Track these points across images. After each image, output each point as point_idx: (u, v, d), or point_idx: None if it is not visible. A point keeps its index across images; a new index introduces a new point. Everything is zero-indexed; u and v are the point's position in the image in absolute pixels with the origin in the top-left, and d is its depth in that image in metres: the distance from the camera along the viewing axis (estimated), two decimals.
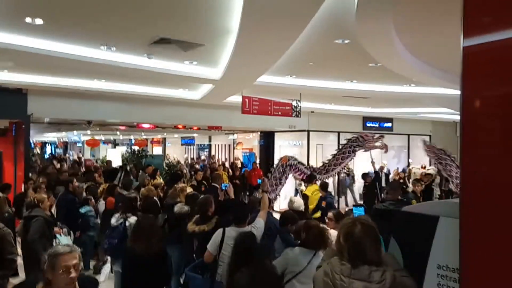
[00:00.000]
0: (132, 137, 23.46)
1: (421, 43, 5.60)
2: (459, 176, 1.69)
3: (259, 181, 5.28)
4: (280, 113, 9.51)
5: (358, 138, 9.22)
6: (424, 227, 2.11)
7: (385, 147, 9.25)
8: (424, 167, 12.30)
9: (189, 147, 23.85)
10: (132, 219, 4.79)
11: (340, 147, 9.74)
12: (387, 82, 8.68)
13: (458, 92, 1.66)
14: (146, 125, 12.25)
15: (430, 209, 2.15)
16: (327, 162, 9.50)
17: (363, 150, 9.25)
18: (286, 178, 9.24)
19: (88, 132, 18.67)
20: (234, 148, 19.23)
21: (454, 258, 1.78)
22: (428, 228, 2.07)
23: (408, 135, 16.05)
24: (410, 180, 11.06)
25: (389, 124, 15.22)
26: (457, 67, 1.66)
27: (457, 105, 1.64)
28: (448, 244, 1.92)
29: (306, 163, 12.27)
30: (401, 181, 11.60)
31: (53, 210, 6.65)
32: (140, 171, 10.72)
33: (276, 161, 14.18)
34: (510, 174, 1.49)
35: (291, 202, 5.50)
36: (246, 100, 8.84)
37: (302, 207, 5.48)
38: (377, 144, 9.05)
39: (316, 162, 13.90)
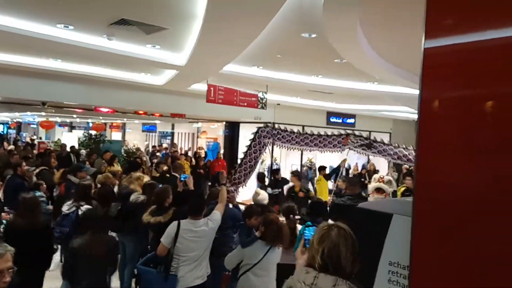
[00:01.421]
0: (89, 120, 22.62)
1: (386, 42, 5.73)
2: (414, 175, 1.73)
3: (217, 173, 5.19)
4: (246, 104, 9.46)
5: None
6: (378, 224, 2.15)
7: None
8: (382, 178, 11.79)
9: (151, 134, 23.38)
10: (85, 208, 4.61)
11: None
12: (351, 79, 8.85)
13: (417, 91, 1.68)
14: (105, 109, 11.83)
15: (384, 207, 2.19)
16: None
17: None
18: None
19: (43, 113, 17.79)
20: (198, 137, 19.03)
21: (405, 256, 1.82)
22: (382, 225, 2.11)
23: (370, 131, 16.54)
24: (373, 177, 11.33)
25: (352, 120, 15.59)
26: (418, 67, 1.68)
27: (416, 104, 1.66)
28: (400, 241, 1.96)
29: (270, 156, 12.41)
30: (361, 176, 11.95)
31: (1, 194, 6.30)
32: (96, 157, 10.35)
33: (240, 152, 14.35)
34: (462, 175, 1.53)
35: (256, 194, 5.48)
36: (212, 88, 8.72)
37: (266, 201, 5.47)
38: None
39: (280, 155, 14.06)
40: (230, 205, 4.99)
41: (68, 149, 12.75)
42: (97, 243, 3.52)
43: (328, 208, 5.41)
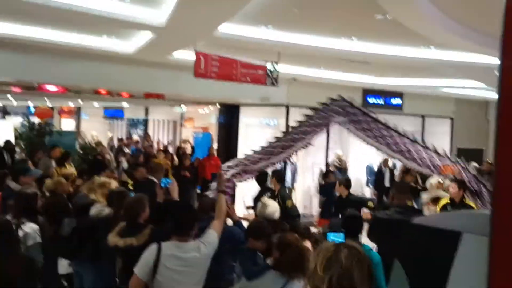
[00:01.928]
0: (31, 103, 22.71)
1: None
2: (493, 177, 1.73)
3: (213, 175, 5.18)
4: (249, 79, 9.45)
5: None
6: (441, 246, 2.15)
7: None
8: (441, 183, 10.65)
9: (116, 122, 23.46)
10: (29, 228, 4.65)
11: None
12: (398, 42, 8.79)
13: (496, 60, 1.68)
14: (52, 88, 11.87)
15: (450, 222, 2.19)
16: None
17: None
18: None
19: None
20: (181, 126, 19.06)
21: None
22: (446, 247, 2.11)
23: (423, 116, 16.48)
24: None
25: (398, 101, 15.54)
26: (496, 26, 1.67)
27: (492, 78, 1.66)
28: (473, 269, 1.97)
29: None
30: (412, 182, 11.87)
31: None
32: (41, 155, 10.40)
33: (242, 147, 14.22)
34: None
35: (263, 206, 5.50)
36: (202, 57, 8.71)
37: (277, 214, 5.49)
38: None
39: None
40: (229, 221, 5.01)
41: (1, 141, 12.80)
42: (8, 263, 3.57)
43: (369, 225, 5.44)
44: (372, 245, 5.27)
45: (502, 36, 1.65)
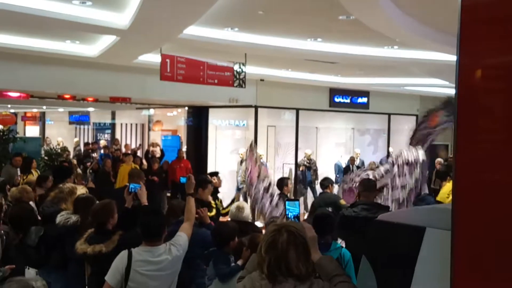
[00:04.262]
0: None
1: None
2: (453, 173, 1.76)
3: (182, 179, 5.07)
4: (216, 81, 9.44)
5: None
6: (405, 241, 2.19)
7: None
8: None
9: (82, 126, 23.15)
10: None
11: None
12: (363, 43, 8.89)
13: (454, 58, 1.71)
14: (14, 94, 11.59)
15: (413, 218, 2.23)
16: None
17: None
18: None
19: None
20: (150, 130, 18.91)
21: (443, 283, 1.86)
22: (410, 242, 2.15)
23: (389, 114, 16.73)
24: None
25: (364, 100, 15.74)
26: (454, 24, 1.71)
27: (453, 76, 1.69)
28: (436, 263, 2.00)
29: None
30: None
31: None
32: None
33: (211, 148, 14.22)
34: None
35: (238, 210, 5.48)
36: (168, 60, 8.66)
37: (251, 216, 5.49)
38: None
39: (266, 149, 14.11)
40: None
41: None
42: None
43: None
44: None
45: (458, 34, 1.68)
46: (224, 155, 14.51)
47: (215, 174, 7.68)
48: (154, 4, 5.79)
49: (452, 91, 15.07)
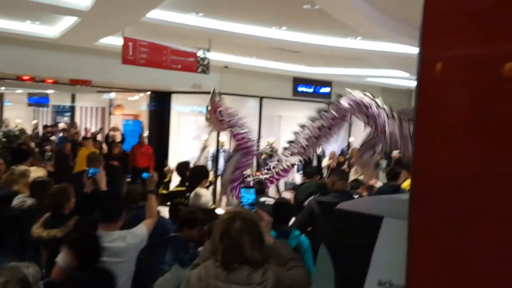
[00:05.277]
0: None
1: None
2: (411, 163, 1.77)
3: (145, 175, 4.87)
4: (180, 66, 9.34)
5: None
6: (363, 230, 2.20)
7: None
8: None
9: (41, 109, 22.73)
10: None
11: None
12: (327, 33, 8.94)
13: (417, 50, 1.71)
14: None
15: (371, 207, 2.25)
16: None
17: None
18: None
19: None
20: (110, 114, 18.65)
21: (399, 273, 1.88)
22: (368, 232, 2.16)
23: None
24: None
25: (327, 89, 15.87)
26: (418, 17, 1.71)
27: (415, 68, 1.69)
28: (393, 254, 2.02)
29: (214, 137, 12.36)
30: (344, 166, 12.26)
31: None
32: None
33: (173, 134, 14.10)
34: (479, 162, 1.57)
35: (196, 196, 5.46)
36: (130, 43, 8.50)
37: (210, 203, 5.47)
38: None
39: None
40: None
41: None
42: None
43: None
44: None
45: (421, 26, 1.68)
46: (186, 141, 14.41)
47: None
48: None
49: (411, 83, 15.37)
